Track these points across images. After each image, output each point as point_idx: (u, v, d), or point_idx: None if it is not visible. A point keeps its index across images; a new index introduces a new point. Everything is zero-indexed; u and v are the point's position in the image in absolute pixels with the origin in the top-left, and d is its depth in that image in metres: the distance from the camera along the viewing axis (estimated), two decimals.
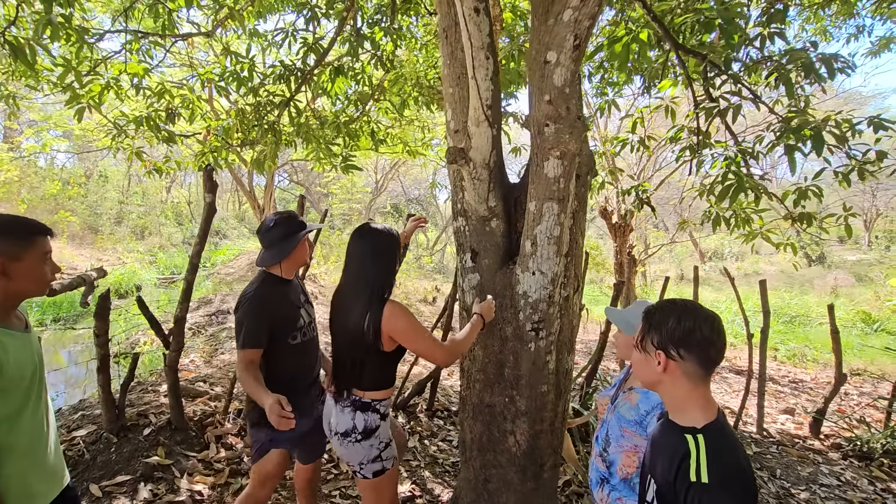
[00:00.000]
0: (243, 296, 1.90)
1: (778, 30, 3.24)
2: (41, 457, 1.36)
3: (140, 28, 4.52)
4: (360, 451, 1.73)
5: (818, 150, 2.83)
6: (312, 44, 4.32)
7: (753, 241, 4.06)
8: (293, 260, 1.99)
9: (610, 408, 1.53)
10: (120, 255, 15.33)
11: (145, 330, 7.29)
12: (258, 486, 1.99)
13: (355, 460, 1.75)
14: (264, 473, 1.97)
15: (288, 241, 1.93)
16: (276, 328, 1.88)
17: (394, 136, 7.62)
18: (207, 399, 3.45)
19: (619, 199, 8.60)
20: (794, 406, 5.54)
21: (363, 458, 1.74)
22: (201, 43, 9.49)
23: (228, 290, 10.07)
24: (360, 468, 1.76)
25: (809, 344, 8.83)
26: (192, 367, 5.06)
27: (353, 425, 1.73)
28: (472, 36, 1.98)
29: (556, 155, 1.97)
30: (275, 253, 1.93)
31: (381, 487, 1.79)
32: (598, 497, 1.47)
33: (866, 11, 5.78)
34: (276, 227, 1.94)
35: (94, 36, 3.86)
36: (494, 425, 2.16)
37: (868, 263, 17.05)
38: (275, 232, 1.94)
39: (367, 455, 1.74)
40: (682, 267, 19.38)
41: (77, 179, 17.90)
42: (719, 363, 1.06)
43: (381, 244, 1.80)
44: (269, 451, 1.96)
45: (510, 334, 2.12)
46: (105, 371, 2.48)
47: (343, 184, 21.00)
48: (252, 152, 4.77)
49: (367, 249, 1.79)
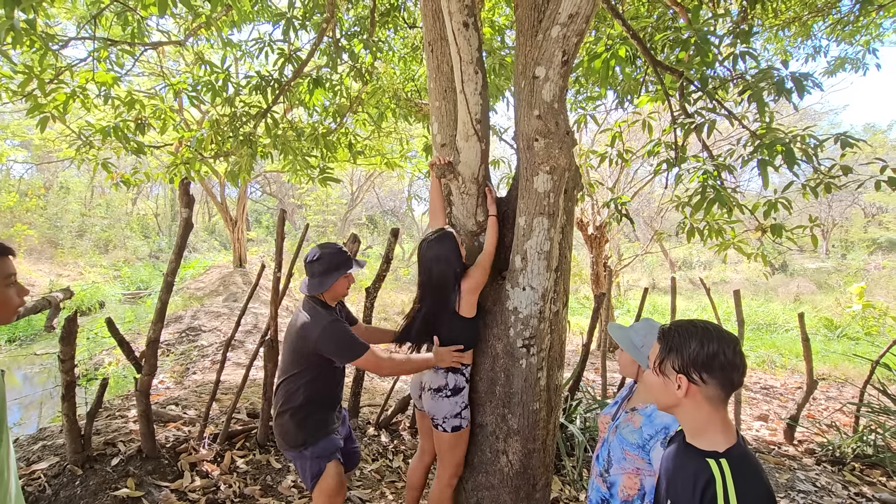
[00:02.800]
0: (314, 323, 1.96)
1: (748, 49, 3.37)
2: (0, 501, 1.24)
3: (108, 36, 4.36)
4: (446, 406, 2.03)
5: (790, 165, 2.94)
6: (290, 55, 4.25)
7: (726, 252, 4.18)
8: (333, 292, 2.10)
9: (611, 427, 1.50)
10: (82, 270, 14.65)
11: (110, 350, 6.96)
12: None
13: (441, 414, 2.04)
14: (328, 490, 2.04)
15: (327, 277, 2.04)
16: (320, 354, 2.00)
17: (371, 147, 7.57)
18: (181, 424, 3.28)
19: (594, 210, 8.74)
20: (768, 412, 5.68)
21: (448, 413, 2.04)
22: (172, 52, 9.25)
23: (199, 305, 9.73)
24: (443, 422, 2.05)
25: (777, 350, 9.12)
26: (161, 388, 4.83)
27: (446, 383, 2.04)
28: (461, 50, 1.97)
29: (546, 170, 1.97)
30: (314, 285, 2.05)
31: (457, 442, 2.08)
32: None
33: (822, 33, 6.10)
34: (318, 262, 2.04)
35: (58, 43, 3.70)
36: (486, 445, 2.12)
37: (827, 271, 17.82)
38: (316, 266, 2.04)
39: (451, 411, 2.04)
40: (653, 276, 19.83)
41: (36, 191, 17.07)
42: (741, 386, 1.05)
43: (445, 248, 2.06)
44: (325, 468, 2.04)
45: (501, 351, 2.09)
46: (70, 398, 2.32)
47: (317, 195, 20.75)
48: (225, 164, 4.63)
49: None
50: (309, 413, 2.02)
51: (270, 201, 25.52)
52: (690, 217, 3.74)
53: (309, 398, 2.00)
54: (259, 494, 2.81)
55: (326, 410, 2.08)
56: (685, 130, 3.55)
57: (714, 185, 3.26)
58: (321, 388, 2.03)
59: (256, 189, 23.96)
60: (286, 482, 2.96)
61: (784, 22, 5.47)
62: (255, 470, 3.02)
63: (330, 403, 2.09)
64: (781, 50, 6.47)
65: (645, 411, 1.40)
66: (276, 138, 4.40)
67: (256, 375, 4.80)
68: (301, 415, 2.01)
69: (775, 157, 3.02)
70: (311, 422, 2.02)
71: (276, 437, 2.08)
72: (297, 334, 2.01)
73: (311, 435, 2.01)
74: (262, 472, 3.02)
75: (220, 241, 24.13)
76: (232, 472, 2.93)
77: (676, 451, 1.13)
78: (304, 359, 2.01)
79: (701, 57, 3.07)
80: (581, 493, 3.23)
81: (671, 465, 1.13)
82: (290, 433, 2.01)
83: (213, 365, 5.90)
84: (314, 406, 2.02)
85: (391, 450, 3.61)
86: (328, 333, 1.95)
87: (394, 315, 11.48)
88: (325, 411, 2.08)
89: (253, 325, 8.05)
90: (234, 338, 3.25)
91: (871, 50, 6.04)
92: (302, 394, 1.99)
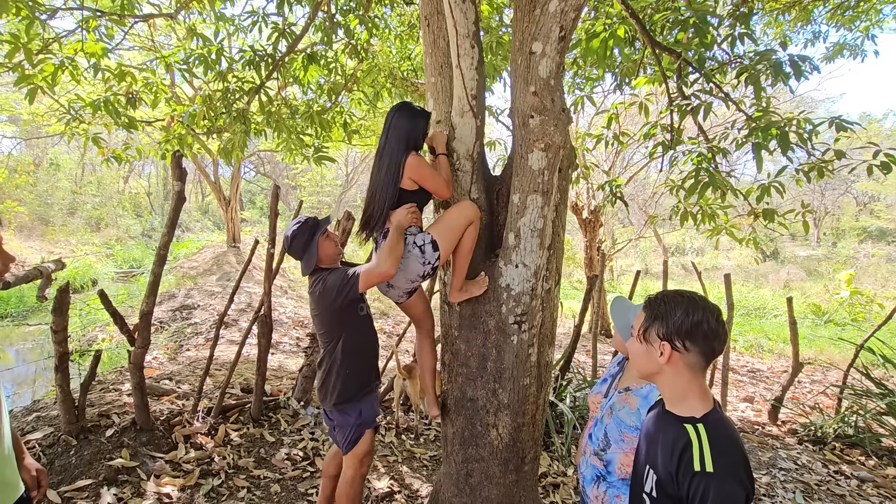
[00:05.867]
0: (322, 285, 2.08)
1: (747, 31, 3.35)
2: None
3: (97, 6, 4.25)
4: (411, 261, 2.03)
5: (784, 149, 2.95)
6: (284, 29, 4.17)
7: (718, 238, 4.21)
8: (325, 256, 2.17)
9: (605, 406, 1.50)
10: (73, 248, 14.53)
11: (103, 326, 6.96)
12: (358, 465, 2.21)
13: (419, 266, 2.04)
14: (361, 454, 2.20)
15: (310, 249, 2.13)
16: (347, 304, 2.08)
17: (367, 128, 7.50)
18: (174, 397, 3.31)
19: (589, 194, 8.74)
20: (753, 395, 5.80)
21: (419, 260, 2.04)
22: (163, 26, 9.04)
23: (192, 283, 9.72)
24: (429, 266, 2.05)
25: (765, 335, 9.27)
26: (155, 364, 4.85)
27: (412, 242, 2.05)
28: (457, 23, 1.95)
29: (541, 147, 1.96)
30: (307, 261, 2.13)
31: (448, 233, 2.05)
32: (594, 494, 1.45)
33: (822, 18, 6.05)
34: (294, 242, 2.13)
35: (46, 13, 3.60)
36: (477, 419, 2.15)
37: (817, 259, 18.02)
38: (295, 246, 2.13)
39: (417, 258, 2.04)
40: (646, 261, 19.97)
41: (25, 167, 16.80)
42: (720, 354, 1.07)
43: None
44: (363, 434, 2.19)
45: (493, 327, 2.11)
46: (63, 369, 2.33)
47: (312, 176, 20.59)
48: (218, 141, 4.58)
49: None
50: (352, 369, 2.15)
51: (264, 182, 25.29)
52: (684, 201, 3.76)
53: (347, 352, 2.13)
54: (253, 466, 2.86)
55: (368, 368, 2.23)
56: (681, 113, 3.54)
57: (708, 169, 3.27)
58: (357, 342, 2.17)
59: (250, 169, 23.72)
60: (280, 455, 3.01)
61: (784, 6, 5.43)
62: (249, 443, 3.06)
63: (368, 360, 2.23)
64: (781, 34, 6.43)
65: (640, 392, 1.40)
66: (270, 115, 4.35)
67: (250, 353, 4.83)
68: (345, 371, 2.14)
69: (770, 140, 3.03)
70: (354, 377, 2.16)
71: (323, 399, 2.20)
72: (317, 303, 2.14)
73: (359, 389, 2.17)
74: (256, 444, 3.06)
75: (214, 222, 23.96)
76: (226, 444, 2.98)
77: (656, 419, 1.16)
78: (330, 319, 2.14)
79: (700, 38, 3.05)
80: (569, 469, 3.30)
81: (651, 430, 1.16)
82: (338, 389, 2.14)
83: (207, 342, 5.93)
84: (355, 361, 2.16)
85: (383, 426, 3.67)
86: (329, 283, 2.08)
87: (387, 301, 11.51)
88: (367, 369, 2.23)
89: (247, 304, 8.07)
90: (227, 314, 3.26)
91: (870, 36, 6.00)
92: (340, 351, 2.12)
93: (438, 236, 2.04)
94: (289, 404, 3.54)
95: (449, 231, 2.05)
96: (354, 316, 2.16)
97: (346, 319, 2.14)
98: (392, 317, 9.91)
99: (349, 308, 2.12)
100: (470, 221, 2.05)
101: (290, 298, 9.71)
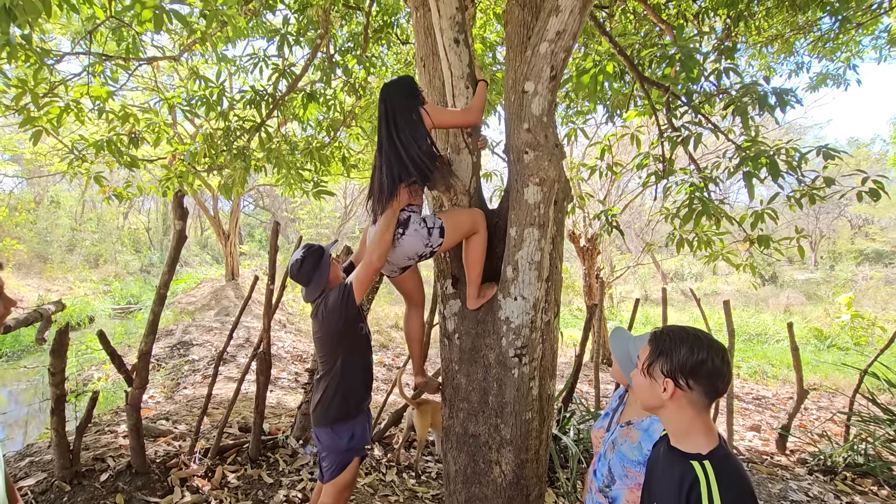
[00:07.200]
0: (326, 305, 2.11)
1: (732, 66, 3.47)
2: None
3: (103, 51, 4.39)
4: (412, 238, 2.02)
5: (774, 177, 3.01)
6: (284, 70, 4.31)
7: (715, 263, 4.24)
8: (333, 277, 2.20)
9: (607, 441, 1.48)
10: (71, 285, 14.48)
11: (99, 365, 6.87)
12: (337, 496, 2.17)
13: (420, 244, 2.03)
14: (342, 485, 2.16)
15: (321, 269, 2.15)
16: (349, 321, 2.11)
17: (365, 161, 7.62)
18: (171, 438, 3.24)
19: (586, 222, 8.82)
20: (760, 422, 5.70)
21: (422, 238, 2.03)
22: (166, 67, 9.31)
23: (190, 319, 9.65)
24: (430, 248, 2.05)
25: (769, 361, 9.18)
26: (151, 403, 4.77)
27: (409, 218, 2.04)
28: (452, 65, 2.02)
29: (536, 181, 2.01)
30: (315, 284, 2.15)
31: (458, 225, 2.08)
32: None
33: (804, 50, 6.27)
34: (303, 266, 2.14)
35: (54, 58, 3.72)
36: (479, 456, 2.12)
37: (816, 282, 18.03)
38: (305, 269, 2.14)
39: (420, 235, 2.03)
40: (645, 288, 19.94)
41: (26, 205, 16.93)
42: (724, 394, 1.07)
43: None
44: (352, 461, 2.17)
45: (493, 361, 2.10)
46: (60, 413, 2.30)
47: (311, 209, 20.75)
48: (219, 177, 4.65)
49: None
50: (350, 385, 2.16)
51: (263, 215, 25.47)
52: (679, 228, 3.80)
53: (347, 369, 2.14)
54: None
55: (365, 385, 2.24)
56: (672, 144, 3.63)
57: (701, 198, 3.33)
58: (357, 360, 2.18)
59: (249, 202, 23.92)
60: (278, 497, 2.93)
61: (767, 39, 5.63)
62: (247, 485, 2.98)
63: (365, 377, 2.23)
64: (765, 66, 6.65)
65: (641, 425, 1.39)
66: (270, 152, 4.44)
67: (248, 389, 4.76)
68: (344, 388, 2.14)
69: (760, 169, 3.10)
70: (352, 394, 2.16)
71: (319, 419, 2.17)
72: (321, 324, 2.16)
73: (356, 406, 2.17)
74: (254, 486, 2.99)
75: (213, 255, 23.99)
76: (223, 486, 2.90)
77: (661, 454, 1.15)
78: (333, 338, 2.15)
79: (686, 73, 3.16)
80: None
81: (657, 467, 1.15)
82: (336, 405, 2.13)
83: (205, 379, 5.84)
84: (354, 378, 2.17)
85: (384, 464, 3.58)
86: (331, 301, 2.11)
87: (387, 328, 11.44)
88: (364, 386, 2.24)
89: (245, 339, 8.00)
90: (225, 351, 3.23)
91: (851, 66, 6.21)
92: (340, 368, 2.12)
93: (448, 226, 2.07)
94: (287, 443, 3.46)
95: (457, 227, 2.09)
96: (355, 334, 2.19)
97: (348, 338, 2.17)
98: (392, 349, 9.82)
99: (351, 326, 2.15)
100: (475, 224, 2.10)
101: (289, 332, 9.63)
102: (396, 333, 11.07)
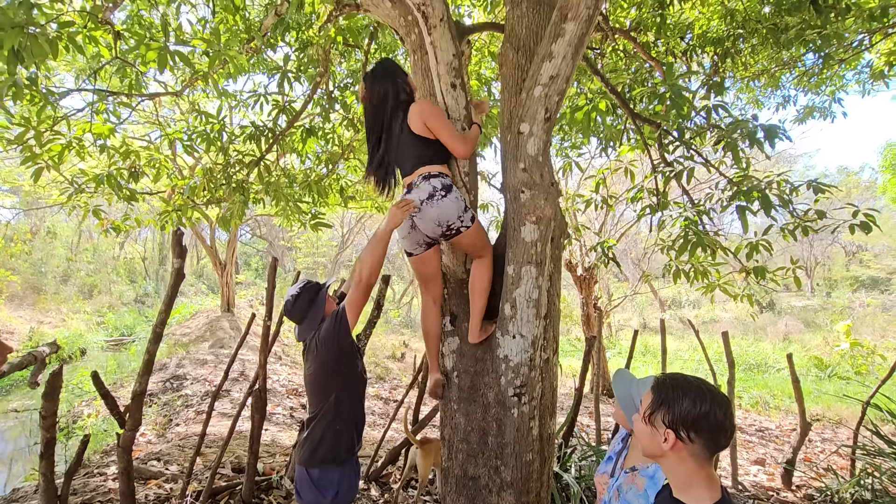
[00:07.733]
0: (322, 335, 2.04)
1: (721, 102, 3.58)
2: None
3: (106, 87, 4.48)
4: (451, 204, 1.99)
5: (767, 211, 3.06)
6: (284, 105, 4.40)
7: (713, 292, 4.24)
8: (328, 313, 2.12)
9: (611, 488, 1.45)
10: (64, 317, 14.30)
11: (90, 401, 6.72)
12: None
13: (454, 215, 2.00)
14: None
15: (316, 305, 2.08)
16: (344, 349, 2.04)
17: (362, 192, 7.69)
18: (162, 481, 3.15)
19: (583, 252, 8.86)
20: (764, 455, 5.60)
21: (459, 210, 2.00)
22: (167, 101, 9.48)
23: (184, 351, 9.51)
24: (460, 222, 2.01)
25: (770, 391, 9.08)
26: (143, 441, 4.65)
27: (433, 186, 1.99)
28: (449, 109, 2.07)
29: (533, 220, 2.03)
30: (311, 319, 2.08)
31: (480, 229, 2.11)
32: None
33: (790, 84, 6.47)
34: (298, 302, 2.08)
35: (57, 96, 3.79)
36: (479, 499, 2.06)
37: (813, 309, 18.02)
38: (299, 305, 2.08)
39: (458, 206, 2.01)
40: (643, 315, 19.86)
41: (22, 236, 16.89)
42: (726, 448, 1.06)
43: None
44: None
45: (492, 400, 2.08)
46: (49, 457, 2.23)
47: (308, 238, 20.80)
48: (217, 210, 4.67)
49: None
50: (343, 425, 2.06)
51: (260, 243, 25.48)
52: (675, 259, 3.83)
53: (342, 408, 2.04)
54: None
55: (357, 427, 2.14)
56: (665, 177, 3.69)
57: (695, 230, 3.36)
58: (351, 399, 2.09)
59: (246, 231, 23.94)
60: None
61: (753, 74, 5.81)
62: None
63: (358, 419, 2.14)
64: (753, 99, 6.84)
65: (647, 472, 1.37)
66: (269, 185, 4.48)
67: (243, 426, 4.65)
68: (336, 426, 2.04)
69: (752, 202, 3.15)
70: (345, 434, 2.06)
71: (304, 456, 2.05)
72: (314, 357, 2.06)
73: (347, 450, 2.06)
74: None
75: (208, 285, 23.84)
76: None
77: None
78: (327, 372, 2.06)
79: (677, 110, 3.24)
80: None
81: None
82: (326, 444, 2.02)
83: (198, 416, 5.71)
84: (348, 417, 2.07)
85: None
86: (323, 330, 2.05)
87: (384, 359, 11.30)
88: (357, 428, 2.13)
89: (240, 373, 7.86)
90: (221, 388, 3.18)
91: (836, 99, 6.39)
92: (334, 405, 2.03)
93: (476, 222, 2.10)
94: (282, 484, 3.37)
95: (480, 231, 2.13)
96: (350, 369, 2.10)
97: (343, 373, 2.07)
98: (388, 380, 9.66)
99: (347, 358, 2.06)
100: (487, 246, 2.16)
101: (285, 365, 9.49)
102: (393, 364, 10.93)
